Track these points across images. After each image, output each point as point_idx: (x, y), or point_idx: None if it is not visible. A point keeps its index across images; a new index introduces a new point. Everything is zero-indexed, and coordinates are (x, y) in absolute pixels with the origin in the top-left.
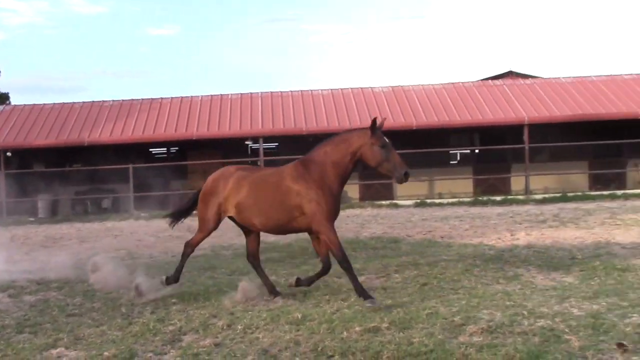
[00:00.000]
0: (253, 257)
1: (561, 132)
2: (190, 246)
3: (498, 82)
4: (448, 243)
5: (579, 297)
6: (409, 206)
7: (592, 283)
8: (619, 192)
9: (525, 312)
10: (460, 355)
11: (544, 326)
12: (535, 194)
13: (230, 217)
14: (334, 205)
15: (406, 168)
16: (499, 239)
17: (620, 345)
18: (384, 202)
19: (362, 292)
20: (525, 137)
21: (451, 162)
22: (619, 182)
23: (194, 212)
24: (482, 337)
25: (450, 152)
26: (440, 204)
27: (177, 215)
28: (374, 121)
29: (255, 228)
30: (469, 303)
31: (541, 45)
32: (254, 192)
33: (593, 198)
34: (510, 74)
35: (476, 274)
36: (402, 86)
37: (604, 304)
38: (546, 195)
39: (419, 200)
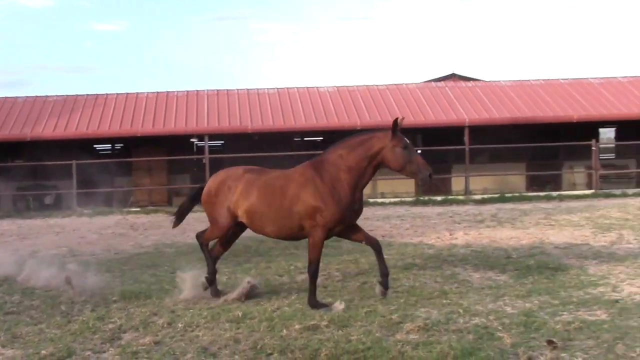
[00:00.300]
0: (215, 255)
1: (500, 134)
2: (204, 238)
3: (441, 84)
4: (389, 242)
5: (513, 296)
6: None
7: (526, 282)
8: (554, 194)
9: (460, 310)
10: (397, 353)
11: (478, 324)
12: (475, 194)
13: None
14: (340, 215)
15: (430, 169)
16: (439, 238)
17: (550, 342)
18: None
19: (315, 305)
20: (466, 138)
21: None
22: (555, 183)
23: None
24: (419, 334)
25: None
26: (382, 203)
27: (180, 215)
28: (395, 122)
29: (268, 236)
30: (407, 301)
31: (484, 49)
32: (263, 197)
33: (529, 199)
34: (453, 77)
35: (415, 272)
36: (347, 86)
37: (536, 302)
38: (485, 196)
39: None
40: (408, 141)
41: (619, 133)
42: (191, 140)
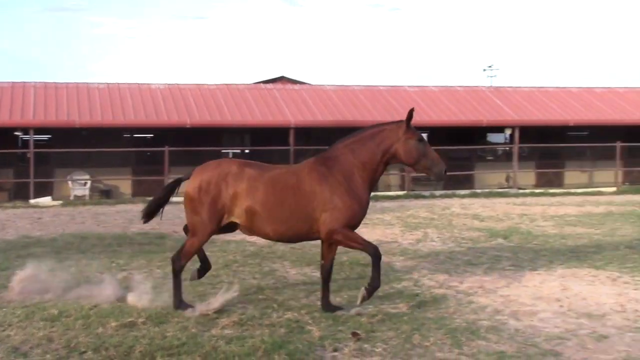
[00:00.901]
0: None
1: (323, 136)
2: (184, 258)
3: (269, 86)
4: (212, 239)
5: None
6: (180, 202)
7: (338, 277)
8: (371, 194)
9: (275, 305)
10: (210, 348)
11: (290, 318)
12: None
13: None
14: (360, 214)
15: (445, 164)
16: None
17: (354, 334)
18: None
19: (376, 286)
20: (291, 139)
21: None
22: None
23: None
24: (233, 329)
25: (222, 151)
26: None
27: (151, 214)
28: (410, 113)
29: (268, 237)
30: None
31: (313, 54)
32: (272, 195)
33: None
34: (282, 79)
35: (235, 269)
36: (178, 84)
37: (346, 296)
38: None
39: None
40: (421, 134)
41: (430, 139)
42: (15, 133)
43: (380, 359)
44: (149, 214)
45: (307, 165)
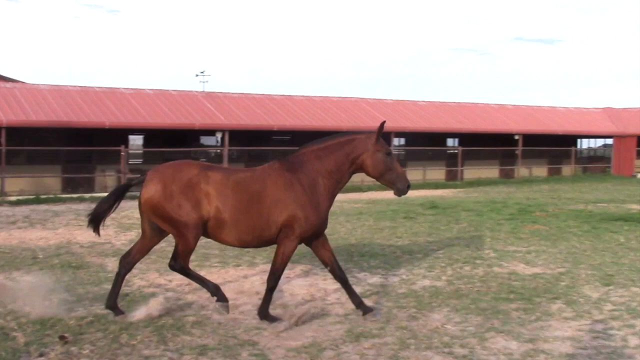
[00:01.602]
0: (130, 263)
1: (38, 136)
2: (182, 259)
3: None
4: None
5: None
6: None
7: (48, 281)
8: (87, 195)
9: None
10: None
11: None
12: (11, 195)
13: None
14: (319, 226)
15: (408, 180)
16: None
17: (62, 337)
18: None
19: (266, 316)
20: (3, 139)
21: None
22: (88, 185)
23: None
24: None
25: None
26: None
27: (98, 217)
28: (382, 125)
29: (227, 244)
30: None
31: (30, 52)
32: (239, 203)
33: (64, 200)
34: None
35: None
36: None
37: (56, 300)
38: (20, 197)
39: None
40: (390, 148)
41: (146, 140)
42: None
43: None
44: (96, 219)
45: (272, 171)
